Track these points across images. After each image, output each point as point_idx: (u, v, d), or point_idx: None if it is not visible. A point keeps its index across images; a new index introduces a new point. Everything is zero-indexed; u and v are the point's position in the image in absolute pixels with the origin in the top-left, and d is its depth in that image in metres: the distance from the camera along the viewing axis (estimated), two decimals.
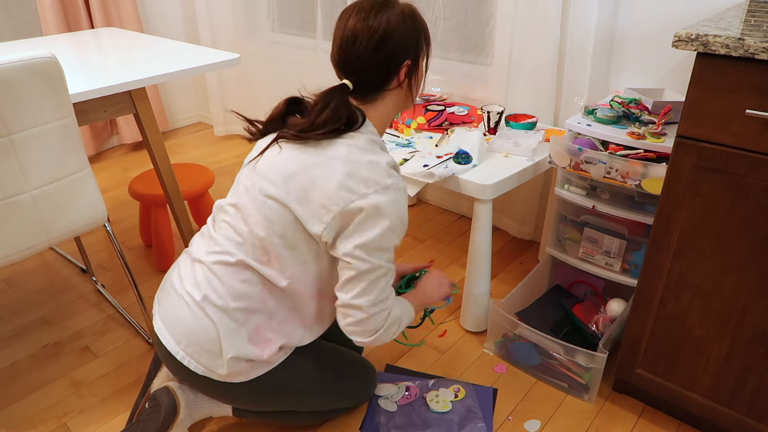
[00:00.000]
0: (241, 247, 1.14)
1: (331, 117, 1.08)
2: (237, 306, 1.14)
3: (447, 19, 2.18)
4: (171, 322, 1.17)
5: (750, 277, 1.14)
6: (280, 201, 1.09)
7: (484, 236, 1.60)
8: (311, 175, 1.07)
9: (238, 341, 1.14)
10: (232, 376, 1.16)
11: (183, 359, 1.16)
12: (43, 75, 1.27)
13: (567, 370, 1.50)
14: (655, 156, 1.41)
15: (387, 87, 1.13)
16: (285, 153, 1.12)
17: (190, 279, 1.18)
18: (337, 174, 1.05)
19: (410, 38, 1.11)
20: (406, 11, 1.11)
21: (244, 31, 2.99)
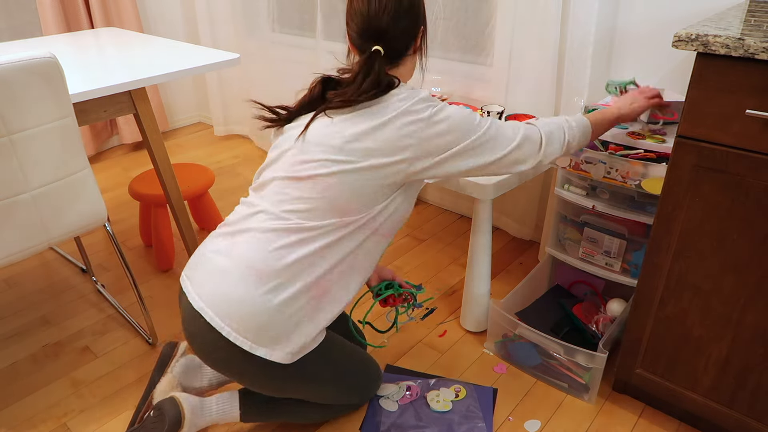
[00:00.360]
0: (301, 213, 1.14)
1: (375, 81, 1.14)
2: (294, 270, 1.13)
3: (447, 19, 2.18)
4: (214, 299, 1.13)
5: (750, 277, 1.14)
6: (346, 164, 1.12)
7: (484, 236, 1.60)
8: (378, 135, 1.12)
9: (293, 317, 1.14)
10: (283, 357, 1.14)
11: (229, 335, 1.11)
12: (43, 75, 1.27)
13: (567, 370, 1.50)
14: (655, 156, 1.41)
15: (408, 52, 1.21)
16: (339, 120, 1.16)
17: (237, 251, 1.15)
18: (399, 121, 1.13)
19: (422, 6, 1.22)
20: None
21: (244, 31, 2.99)
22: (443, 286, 1.99)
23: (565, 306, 1.71)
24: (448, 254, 2.18)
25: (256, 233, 1.15)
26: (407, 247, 2.23)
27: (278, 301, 1.12)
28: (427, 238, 2.29)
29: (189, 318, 1.16)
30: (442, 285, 1.99)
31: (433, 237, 2.30)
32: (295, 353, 1.16)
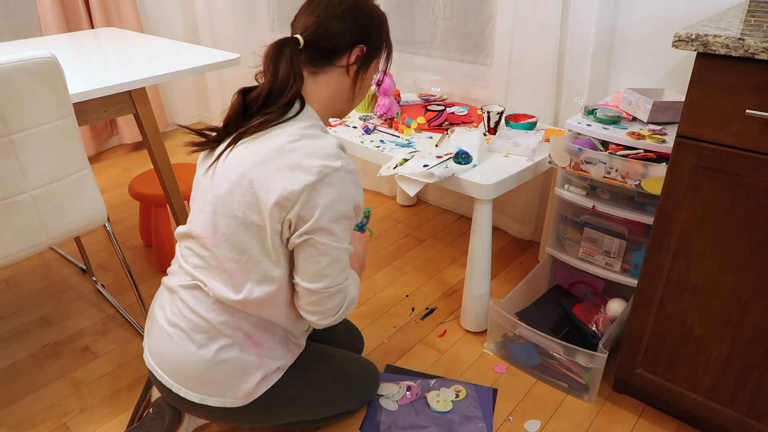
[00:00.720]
0: (203, 270, 1.11)
1: (289, 73, 1.03)
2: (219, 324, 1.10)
3: (447, 19, 2.18)
4: (159, 358, 1.15)
5: (750, 277, 1.14)
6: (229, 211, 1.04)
7: (484, 236, 1.60)
8: (252, 176, 1.01)
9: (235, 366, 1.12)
10: (235, 401, 1.15)
11: (179, 391, 1.14)
12: (43, 75, 1.27)
13: (567, 370, 1.50)
14: (655, 156, 1.41)
15: (334, 61, 1.09)
16: (233, 153, 1.06)
17: (171, 310, 1.15)
18: (282, 168, 1.00)
19: (373, 29, 1.11)
20: (378, 8, 1.14)
21: (244, 31, 2.99)
22: (443, 286, 1.99)
23: (565, 306, 1.71)
24: (448, 254, 2.18)
25: (180, 292, 1.13)
26: (407, 247, 2.23)
27: (212, 357, 1.10)
28: (427, 238, 2.29)
29: (149, 372, 1.20)
30: (442, 285, 1.99)
31: (433, 237, 2.30)
32: (247, 396, 1.15)
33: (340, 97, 1.14)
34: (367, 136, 1.87)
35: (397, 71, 2.35)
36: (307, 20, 1.07)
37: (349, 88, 1.13)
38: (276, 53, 1.04)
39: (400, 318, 1.83)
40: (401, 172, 1.60)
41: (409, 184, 1.59)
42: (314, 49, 1.07)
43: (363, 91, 1.17)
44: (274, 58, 1.04)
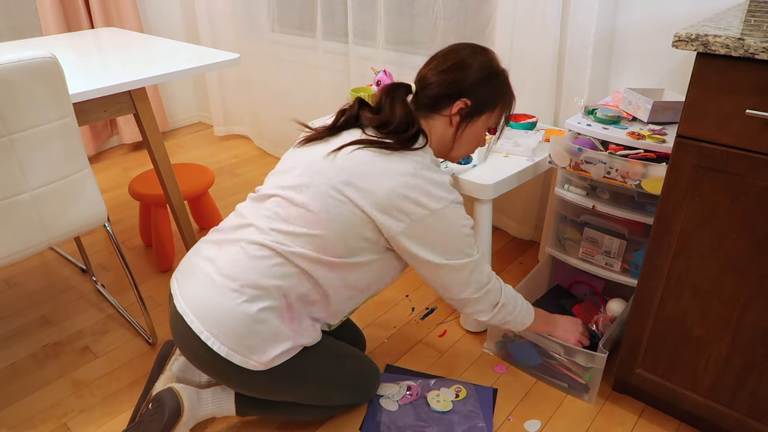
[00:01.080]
0: (290, 238, 1.15)
1: (404, 116, 1.18)
2: (276, 288, 1.14)
3: (447, 19, 2.18)
4: (195, 303, 1.16)
5: (750, 277, 1.14)
6: (353, 201, 1.13)
7: (484, 236, 1.60)
8: (381, 182, 1.12)
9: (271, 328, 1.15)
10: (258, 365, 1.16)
11: (207, 339, 1.13)
12: (43, 75, 1.27)
13: (567, 370, 1.50)
14: (655, 156, 1.41)
15: (438, 111, 1.23)
16: (357, 154, 1.15)
17: (224, 261, 1.17)
18: (405, 187, 1.12)
19: (480, 85, 1.22)
20: (492, 65, 1.24)
21: (244, 31, 2.99)
22: None
23: (565, 306, 1.71)
24: None
25: (243, 245, 1.17)
26: None
27: (254, 314, 1.13)
28: None
29: (174, 319, 1.20)
30: None
31: None
32: (269, 362, 1.17)
33: (445, 144, 1.27)
34: None
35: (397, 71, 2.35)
36: (421, 71, 1.25)
37: (451, 138, 1.26)
38: (391, 92, 1.21)
39: (400, 318, 1.83)
40: None
41: None
42: (423, 96, 1.23)
43: (468, 143, 1.28)
44: (389, 95, 1.21)
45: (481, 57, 1.23)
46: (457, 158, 1.33)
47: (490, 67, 1.23)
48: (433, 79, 1.21)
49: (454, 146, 1.28)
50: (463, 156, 1.32)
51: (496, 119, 1.29)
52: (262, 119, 3.15)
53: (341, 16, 2.51)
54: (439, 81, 1.20)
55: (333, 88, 2.62)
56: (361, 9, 2.37)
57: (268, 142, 3.17)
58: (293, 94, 2.89)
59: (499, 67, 1.26)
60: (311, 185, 1.15)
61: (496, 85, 1.24)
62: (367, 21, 2.38)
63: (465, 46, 1.24)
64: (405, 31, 2.32)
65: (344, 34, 2.51)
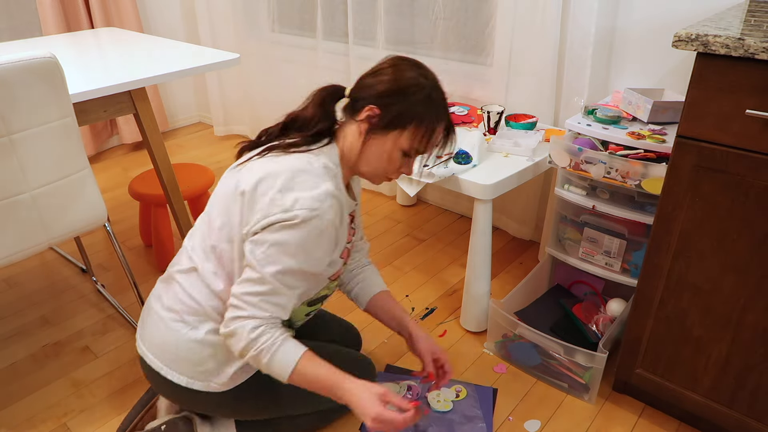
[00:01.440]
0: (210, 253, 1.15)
1: (314, 112, 1.14)
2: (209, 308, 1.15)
3: (447, 19, 2.18)
4: (150, 341, 1.20)
5: (750, 277, 1.14)
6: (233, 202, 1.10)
7: (484, 236, 1.60)
8: (258, 179, 1.07)
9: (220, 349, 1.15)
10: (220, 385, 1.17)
11: (167, 374, 1.17)
12: (43, 75, 1.27)
13: (567, 370, 1.50)
14: (655, 156, 1.41)
15: (354, 114, 1.13)
16: (253, 162, 1.12)
17: (167, 295, 1.20)
18: (275, 185, 1.05)
19: (394, 97, 1.08)
20: (412, 80, 1.09)
21: (244, 31, 2.99)
22: (443, 286, 1.99)
23: (565, 306, 1.71)
24: (448, 254, 2.18)
25: (178, 276, 1.19)
26: (407, 247, 2.23)
27: (201, 339, 1.15)
28: (427, 238, 2.29)
29: (140, 361, 1.25)
30: (442, 285, 1.99)
31: (433, 237, 2.30)
32: (230, 382, 1.18)
33: (353, 153, 1.14)
34: None
35: None
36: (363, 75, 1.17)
37: (359, 148, 1.13)
38: (315, 93, 1.17)
39: None
40: None
41: (409, 184, 1.59)
42: (352, 98, 1.14)
43: (374, 161, 1.13)
44: (313, 96, 1.17)
45: (407, 71, 1.10)
46: (365, 176, 1.18)
47: (409, 81, 1.08)
48: (364, 83, 1.13)
49: (359, 159, 1.14)
50: (369, 176, 1.16)
51: (410, 142, 1.10)
52: (262, 119, 3.14)
53: (341, 16, 2.51)
54: (359, 84, 1.14)
55: None
56: (361, 9, 2.37)
57: None
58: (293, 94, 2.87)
59: (424, 84, 1.09)
60: (218, 198, 1.16)
61: (412, 102, 1.08)
62: (367, 21, 2.38)
63: (404, 58, 1.14)
64: (405, 31, 2.32)
65: (344, 34, 2.51)
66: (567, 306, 1.71)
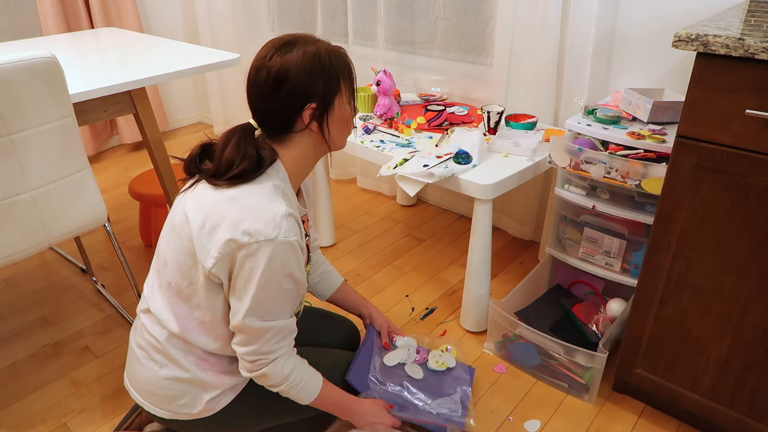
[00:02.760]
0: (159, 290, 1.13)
1: (234, 155, 1.04)
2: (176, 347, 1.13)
3: (447, 19, 2.18)
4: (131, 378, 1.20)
5: (750, 277, 1.14)
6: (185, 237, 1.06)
7: (484, 236, 1.60)
8: (206, 215, 1.03)
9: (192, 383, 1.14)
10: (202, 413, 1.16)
11: (149, 409, 1.17)
12: (43, 75, 1.27)
13: (567, 370, 1.50)
14: (655, 156, 1.41)
15: (292, 129, 1.09)
16: (196, 191, 1.08)
17: (138, 332, 1.20)
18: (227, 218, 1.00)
19: (311, 80, 1.05)
20: (308, 52, 1.06)
21: (244, 31, 2.99)
22: (443, 286, 1.99)
23: (565, 306, 1.71)
24: (448, 254, 2.18)
25: (144, 317, 1.17)
26: (407, 247, 2.23)
27: (173, 374, 1.13)
28: (427, 238, 2.29)
29: None
30: (442, 285, 1.99)
31: (433, 237, 2.30)
32: (215, 407, 1.17)
33: (320, 149, 1.15)
34: (367, 136, 1.87)
35: (397, 71, 2.35)
36: (250, 104, 1.10)
37: (321, 141, 1.13)
38: (224, 138, 1.08)
39: (400, 318, 1.83)
40: (401, 172, 1.60)
41: (409, 184, 1.59)
42: (269, 126, 1.09)
43: (339, 133, 1.15)
44: (222, 142, 1.07)
45: (294, 54, 1.05)
46: (339, 147, 1.19)
47: (308, 57, 1.06)
48: (267, 108, 1.07)
49: (330, 145, 1.15)
50: (343, 143, 1.18)
51: (348, 94, 1.14)
52: None
53: (341, 16, 2.51)
54: (275, 103, 1.06)
55: None
56: (361, 9, 2.37)
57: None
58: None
59: (315, 48, 1.08)
60: (166, 229, 1.12)
61: (326, 68, 1.08)
62: (367, 21, 2.38)
63: (273, 49, 1.07)
64: (405, 31, 2.32)
65: (344, 34, 2.51)
66: (567, 306, 1.71)
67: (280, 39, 1.09)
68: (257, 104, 1.08)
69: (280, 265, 1.02)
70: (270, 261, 1.00)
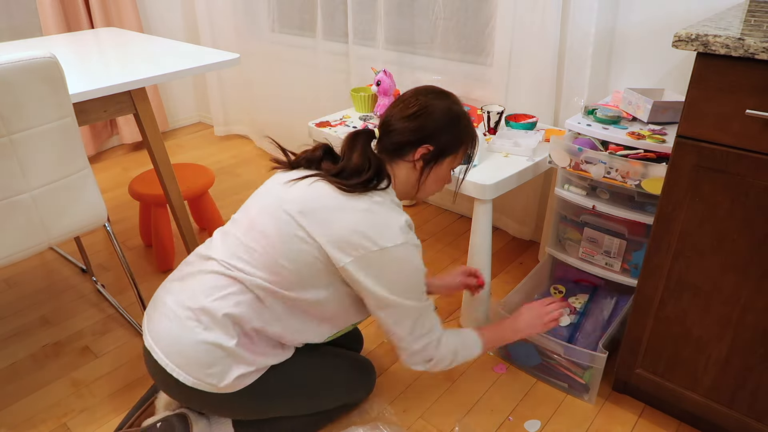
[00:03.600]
0: (247, 264, 1.16)
1: (364, 161, 1.18)
2: (230, 317, 1.15)
3: (447, 19, 2.18)
4: (160, 337, 1.19)
5: (750, 277, 1.14)
6: (306, 230, 1.13)
7: (484, 236, 1.60)
8: (336, 217, 1.12)
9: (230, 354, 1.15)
10: (226, 387, 1.17)
11: (173, 371, 1.16)
12: (43, 75, 1.27)
13: (567, 370, 1.50)
14: (655, 156, 1.41)
15: (403, 157, 1.22)
16: (317, 186, 1.16)
17: (184, 293, 1.20)
18: (358, 224, 1.12)
19: (443, 131, 1.20)
20: (453, 109, 1.22)
21: (244, 31, 2.99)
22: None
23: None
24: (448, 254, 2.18)
25: (202, 277, 1.20)
26: None
27: (213, 341, 1.14)
28: (427, 238, 2.29)
29: (144, 353, 1.23)
30: None
31: (433, 237, 2.30)
32: (235, 385, 1.18)
33: (410, 186, 1.26)
34: None
35: (397, 71, 2.35)
36: (386, 114, 1.23)
37: (416, 181, 1.25)
38: (351, 141, 1.22)
39: None
40: None
41: None
42: (387, 142, 1.22)
43: (433, 184, 1.28)
44: (349, 144, 1.22)
45: (443, 102, 1.22)
46: (424, 198, 1.34)
47: (452, 113, 1.22)
48: (396, 126, 1.20)
49: (419, 189, 1.27)
50: (429, 195, 1.33)
51: (461, 159, 1.29)
52: (262, 119, 3.15)
53: (341, 16, 2.51)
54: (402, 128, 1.20)
55: (333, 88, 2.62)
56: (361, 9, 2.37)
57: (268, 142, 3.16)
58: (293, 94, 2.89)
59: (461, 110, 1.25)
60: (266, 209, 1.18)
61: (459, 129, 1.23)
62: (367, 21, 2.38)
63: (428, 90, 1.23)
64: (405, 31, 2.32)
65: (344, 34, 2.51)
66: None
67: (441, 90, 1.25)
68: (392, 119, 1.21)
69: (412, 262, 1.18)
70: (403, 259, 1.16)
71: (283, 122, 2.98)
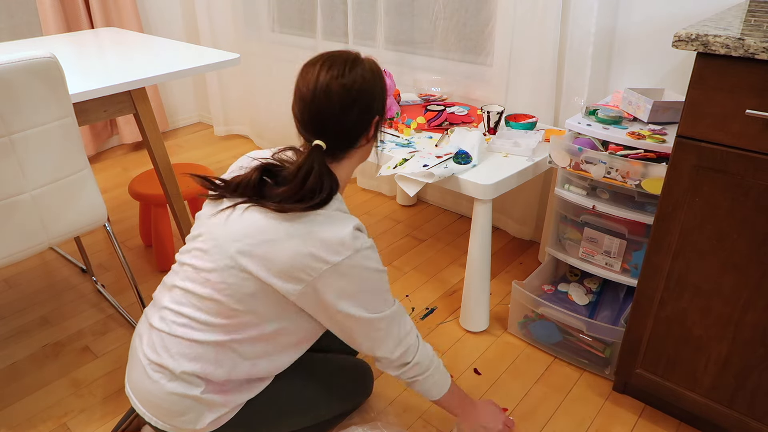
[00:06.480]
0: (199, 311, 1.10)
1: (317, 183, 1.05)
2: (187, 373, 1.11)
3: (447, 19, 2.18)
4: (136, 387, 1.16)
5: (750, 277, 1.14)
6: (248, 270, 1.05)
7: (484, 236, 1.60)
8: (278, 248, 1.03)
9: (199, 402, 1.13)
10: (204, 429, 1.15)
11: (151, 420, 1.14)
12: (43, 75, 1.27)
13: (588, 346, 1.51)
14: (655, 156, 1.41)
15: (357, 145, 1.13)
16: (251, 217, 1.06)
17: (149, 340, 1.15)
18: (303, 246, 1.02)
19: (378, 94, 1.11)
20: (374, 67, 1.12)
21: (244, 31, 3.00)
22: (443, 286, 1.99)
23: None
24: (448, 254, 2.18)
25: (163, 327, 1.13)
26: (407, 247, 2.23)
27: (180, 393, 1.11)
28: (427, 238, 2.29)
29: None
30: (442, 285, 1.99)
31: (433, 237, 2.30)
32: (215, 425, 1.15)
33: (361, 159, 1.20)
34: None
35: (397, 71, 2.35)
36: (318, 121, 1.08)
37: (367, 152, 1.20)
38: (308, 166, 1.06)
39: None
40: (401, 172, 1.60)
41: (409, 184, 1.59)
42: (336, 146, 1.10)
43: (366, 155, 1.22)
44: (306, 168, 1.06)
45: (363, 67, 1.09)
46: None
47: (374, 72, 1.11)
48: (341, 124, 1.07)
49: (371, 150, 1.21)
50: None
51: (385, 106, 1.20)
52: (262, 119, 3.15)
53: (341, 16, 2.51)
54: (350, 121, 1.08)
55: None
56: (361, 9, 2.37)
57: (268, 142, 3.17)
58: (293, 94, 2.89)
59: (373, 63, 1.13)
60: (210, 251, 1.09)
61: (383, 82, 1.14)
62: (367, 21, 2.38)
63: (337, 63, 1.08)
64: (405, 31, 2.32)
65: (344, 34, 2.51)
66: None
67: (330, 58, 1.09)
68: (328, 123, 1.07)
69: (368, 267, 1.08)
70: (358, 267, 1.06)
71: (284, 122, 2.98)
